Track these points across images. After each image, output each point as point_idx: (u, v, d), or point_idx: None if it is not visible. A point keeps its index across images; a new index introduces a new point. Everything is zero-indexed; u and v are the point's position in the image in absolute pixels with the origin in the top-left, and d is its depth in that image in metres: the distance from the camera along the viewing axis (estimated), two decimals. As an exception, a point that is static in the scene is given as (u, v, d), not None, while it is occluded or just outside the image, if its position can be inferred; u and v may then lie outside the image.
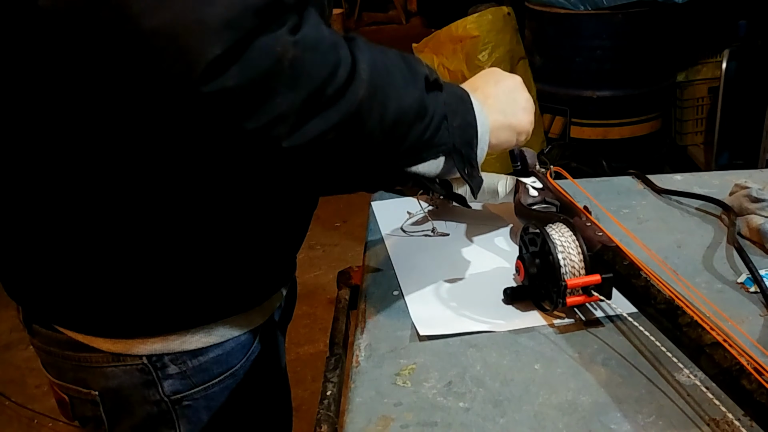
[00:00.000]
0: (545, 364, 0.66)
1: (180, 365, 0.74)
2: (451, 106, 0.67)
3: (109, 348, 0.72)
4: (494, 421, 0.59)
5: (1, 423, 2.02)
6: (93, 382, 0.75)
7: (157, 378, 0.73)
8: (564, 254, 0.69)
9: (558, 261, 0.68)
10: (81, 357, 0.73)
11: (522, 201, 0.86)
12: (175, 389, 0.75)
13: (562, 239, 0.70)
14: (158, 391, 0.74)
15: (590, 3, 2.54)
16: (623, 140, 2.71)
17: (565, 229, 0.71)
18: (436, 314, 0.74)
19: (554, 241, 0.70)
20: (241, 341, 0.77)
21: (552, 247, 0.69)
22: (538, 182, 0.89)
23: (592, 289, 0.69)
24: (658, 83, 2.74)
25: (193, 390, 0.75)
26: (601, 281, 0.68)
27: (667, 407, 0.60)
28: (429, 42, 2.80)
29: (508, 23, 2.72)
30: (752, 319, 0.71)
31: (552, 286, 0.70)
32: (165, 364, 0.73)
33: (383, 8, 6.55)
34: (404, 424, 0.60)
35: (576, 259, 0.69)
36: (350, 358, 0.71)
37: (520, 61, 2.76)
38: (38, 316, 0.74)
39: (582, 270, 0.69)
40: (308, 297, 2.39)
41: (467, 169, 0.69)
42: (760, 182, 0.94)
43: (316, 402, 0.68)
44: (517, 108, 0.79)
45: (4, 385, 2.08)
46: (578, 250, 0.69)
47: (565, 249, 0.69)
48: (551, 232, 0.71)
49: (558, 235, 0.70)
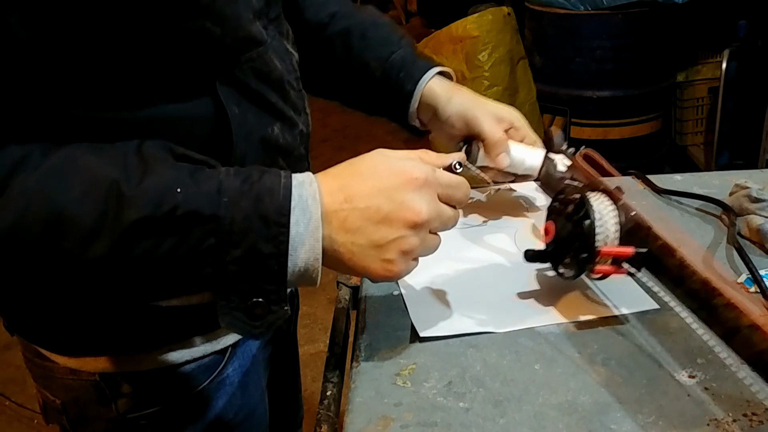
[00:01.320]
0: (545, 364, 0.66)
1: (133, 385, 0.71)
2: (230, 235, 0.52)
3: (65, 363, 0.71)
4: (494, 421, 0.59)
5: (1, 423, 2.02)
6: (57, 391, 0.75)
7: (111, 395, 0.72)
8: (601, 222, 0.69)
9: (594, 227, 0.68)
10: (45, 366, 0.73)
11: (551, 172, 0.87)
12: (129, 408, 0.73)
13: (601, 207, 0.70)
14: (112, 409, 0.73)
15: (590, 3, 2.54)
16: (623, 140, 2.72)
17: (606, 198, 0.71)
18: (436, 314, 0.74)
19: (593, 206, 0.69)
20: (205, 363, 0.74)
21: (591, 212, 0.69)
22: (567, 160, 0.89)
23: (622, 261, 0.68)
24: (658, 83, 2.74)
25: (149, 410, 0.73)
26: (634, 254, 0.67)
27: (667, 407, 0.60)
28: (429, 42, 2.81)
29: (508, 23, 2.72)
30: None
31: (582, 252, 0.69)
32: (118, 383, 0.71)
33: (383, 8, 6.55)
34: (404, 424, 0.60)
35: (612, 229, 0.69)
36: (350, 358, 0.71)
37: (520, 61, 2.76)
38: (7, 324, 0.74)
39: (615, 241, 0.69)
40: (308, 297, 2.39)
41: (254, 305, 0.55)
42: (760, 182, 0.94)
43: (316, 402, 0.68)
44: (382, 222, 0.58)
45: (4, 385, 2.09)
46: (615, 220, 0.69)
47: (602, 216, 0.69)
48: (591, 199, 0.71)
49: (597, 203, 0.70)
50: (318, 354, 2.20)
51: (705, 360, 0.65)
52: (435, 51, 2.77)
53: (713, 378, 0.63)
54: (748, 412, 0.59)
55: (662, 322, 0.70)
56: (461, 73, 2.68)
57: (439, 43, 2.76)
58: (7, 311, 0.71)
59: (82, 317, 0.68)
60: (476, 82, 2.67)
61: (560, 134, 0.92)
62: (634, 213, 0.70)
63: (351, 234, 0.57)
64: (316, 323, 2.34)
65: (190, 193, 0.51)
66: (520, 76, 2.75)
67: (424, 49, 2.82)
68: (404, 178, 0.59)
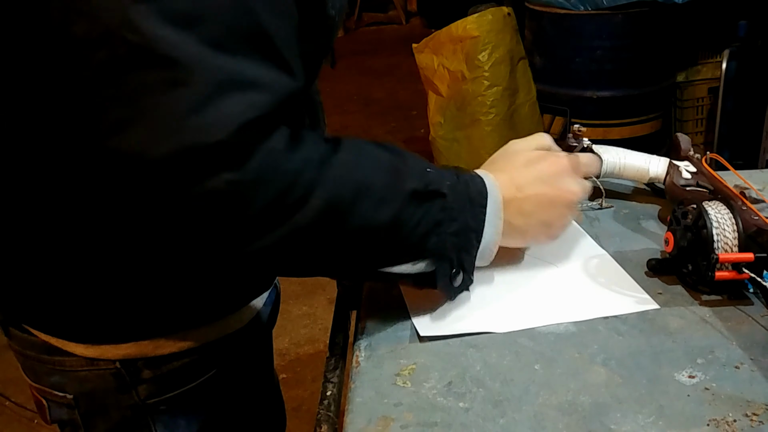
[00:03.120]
0: (545, 364, 0.66)
1: (154, 370, 0.73)
2: (452, 211, 0.65)
3: (83, 352, 0.71)
4: (494, 422, 0.59)
5: (1, 423, 2.02)
6: (68, 386, 0.74)
7: (132, 382, 0.73)
8: (719, 230, 0.70)
9: (712, 235, 0.70)
10: (56, 360, 0.73)
11: (675, 182, 0.88)
12: (150, 394, 0.74)
13: (718, 215, 0.72)
14: (133, 396, 0.73)
15: (590, 3, 2.54)
16: (623, 140, 2.71)
17: (723, 206, 0.73)
18: (436, 314, 0.74)
19: (710, 215, 0.71)
20: (220, 345, 0.76)
21: (707, 221, 0.71)
22: (691, 166, 0.90)
23: (743, 266, 0.69)
24: (658, 83, 2.74)
25: (169, 395, 0.75)
26: (755, 259, 0.69)
27: (667, 407, 0.60)
28: (429, 42, 2.80)
29: (508, 23, 2.71)
30: (753, 319, 0.71)
31: (702, 260, 0.71)
32: (139, 369, 0.72)
33: (383, 8, 6.55)
34: (404, 424, 0.60)
35: (730, 236, 0.70)
36: (350, 358, 0.71)
37: (520, 61, 2.76)
38: (13, 319, 0.74)
39: (735, 248, 0.70)
40: (308, 297, 2.38)
41: (455, 274, 0.68)
42: (760, 182, 0.94)
43: (316, 402, 0.68)
44: (549, 205, 0.73)
45: (4, 385, 2.08)
46: (733, 227, 0.71)
47: (720, 225, 0.71)
48: (708, 208, 0.73)
49: (714, 212, 0.72)
50: (318, 354, 2.20)
51: (705, 360, 0.65)
52: (435, 51, 2.77)
53: (713, 378, 0.63)
54: (748, 412, 0.59)
55: (662, 322, 0.70)
56: (461, 73, 2.68)
57: (439, 43, 2.75)
58: (26, 304, 0.71)
59: (106, 305, 0.69)
60: (476, 82, 2.67)
61: (687, 139, 0.94)
62: (756, 218, 0.72)
63: (526, 217, 0.71)
64: (316, 323, 2.34)
65: (433, 175, 0.65)
66: (520, 76, 2.74)
67: (424, 49, 2.82)
68: (557, 166, 0.74)
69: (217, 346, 0.77)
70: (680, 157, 0.92)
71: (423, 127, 3.40)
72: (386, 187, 0.62)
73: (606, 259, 0.82)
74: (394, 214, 0.62)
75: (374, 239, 0.62)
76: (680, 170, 0.89)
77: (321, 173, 0.58)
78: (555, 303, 0.74)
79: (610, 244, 0.85)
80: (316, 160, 0.58)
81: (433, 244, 0.65)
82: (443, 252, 0.66)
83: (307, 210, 0.57)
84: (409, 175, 0.63)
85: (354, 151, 0.62)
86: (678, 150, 0.92)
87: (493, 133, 2.70)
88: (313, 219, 0.57)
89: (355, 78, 4.95)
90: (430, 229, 0.64)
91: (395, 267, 0.66)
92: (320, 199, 0.57)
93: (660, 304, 0.73)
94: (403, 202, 0.62)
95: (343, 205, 0.59)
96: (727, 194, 0.80)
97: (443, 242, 0.65)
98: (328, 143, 0.61)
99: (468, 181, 0.68)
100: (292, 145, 0.57)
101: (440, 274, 0.67)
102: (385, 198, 0.61)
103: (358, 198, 0.60)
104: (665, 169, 0.91)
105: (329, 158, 0.59)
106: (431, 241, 0.65)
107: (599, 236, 0.87)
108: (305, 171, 0.57)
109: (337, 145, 0.61)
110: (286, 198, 0.56)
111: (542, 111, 2.81)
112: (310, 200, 0.57)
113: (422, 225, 0.64)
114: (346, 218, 0.60)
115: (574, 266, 0.79)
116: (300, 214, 0.57)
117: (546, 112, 2.81)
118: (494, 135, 2.71)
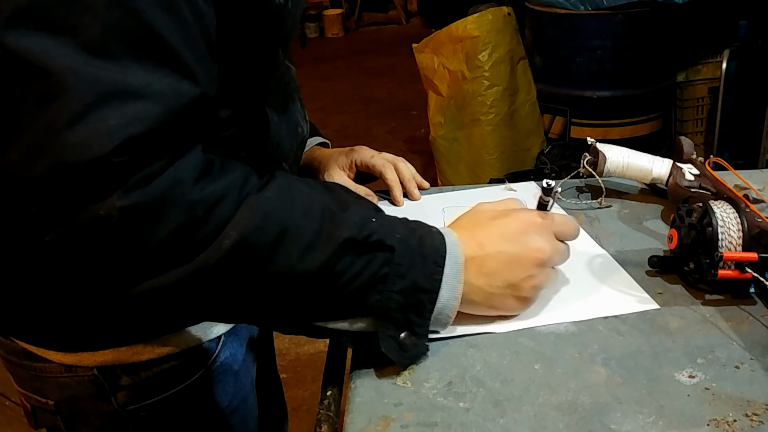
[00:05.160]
0: (545, 364, 0.66)
1: (133, 376, 0.72)
2: (399, 267, 0.60)
3: (61, 360, 0.71)
4: (494, 421, 0.59)
5: (1, 423, 2.02)
6: (49, 392, 0.74)
7: (110, 389, 0.72)
8: (724, 228, 0.71)
9: (717, 233, 0.70)
10: (36, 367, 0.73)
11: (678, 183, 0.88)
12: (129, 400, 0.73)
13: (724, 214, 0.72)
14: (111, 403, 0.73)
15: (590, 3, 2.54)
16: (623, 140, 2.70)
17: (728, 206, 0.73)
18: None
19: (716, 214, 0.72)
20: (201, 350, 0.75)
21: (713, 219, 0.71)
22: (694, 169, 0.90)
23: (746, 265, 0.70)
24: (658, 83, 2.74)
25: (149, 401, 0.74)
26: (758, 259, 0.69)
27: (667, 407, 0.60)
28: (429, 42, 2.81)
29: (508, 23, 2.72)
30: (753, 319, 0.71)
31: (705, 258, 0.71)
32: (117, 375, 0.72)
33: (383, 8, 6.56)
34: (404, 424, 0.60)
35: (735, 235, 0.71)
36: (350, 358, 0.71)
37: (520, 61, 2.76)
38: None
39: (738, 247, 0.71)
40: (308, 297, 2.38)
41: (404, 339, 0.62)
42: (760, 182, 0.94)
43: (316, 402, 0.68)
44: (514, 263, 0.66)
45: (4, 385, 2.08)
46: (738, 227, 0.71)
47: (725, 223, 0.71)
48: (714, 206, 0.73)
49: (720, 210, 0.73)
50: (318, 354, 2.20)
51: (705, 360, 0.65)
52: (435, 51, 2.77)
53: (713, 378, 0.63)
54: (748, 412, 0.59)
55: (662, 322, 0.71)
56: (461, 73, 2.68)
57: (439, 43, 2.76)
58: (3, 312, 0.71)
59: (82, 313, 0.68)
60: (476, 82, 2.67)
61: (690, 143, 0.94)
62: (760, 220, 0.72)
63: (488, 277, 0.65)
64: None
65: (379, 224, 0.60)
66: (520, 76, 2.75)
67: (424, 48, 2.82)
68: (523, 222, 0.67)
69: (198, 352, 0.75)
70: (683, 160, 0.92)
71: (423, 127, 3.41)
72: (315, 232, 0.57)
73: (606, 258, 0.82)
74: (324, 263, 0.57)
75: (300, 288, 0.57)
76: (683, 171, 0.90)
77: (237, 210, 0.54)
78: (555, 303, 0.74)
79: (611, 244, 0.85)
80: (233, 195, 0.54)
81: (375, 301, 0.60)
82: (386, 312, 0.60)
83: (215, 249, 0.53)
84: (345, 222, 0.58)
85: (284, 191, 0.58)
86: (681, 153, 0.93)
87: (494, 132, 2.71)
88: (222, 260, 0.53)
89: (355, 78, 4.95)
90: (371, 284, 0.59)
91: (331, 323, 0.62)
92: (232, 240, 0.53)
93: (660, 303, 0.73)
94: (334, 250, 0.57)
95: (260, 247, 0.54)
96: (731, 197, 0.80)
97: (387, 300, 0.60)
98: (256, 179, 0.57)
99: (423, 237, 0.62)
100: (205, 173, 0.53)
101: (383, 335, 0.61)
102: (313, 244, 0.57)
103: (280, 241, 0.55)
104: (668, 170, 0.91)
105: (251, 195, 0.55)
106: (372, 297, 0.60)
107: (599, 236, 0.87)
108: (218, 206, 0.53)
109: (268, 182, 0.58)
110: (191, 233, 0.52)
111: (542, 111, 2.81)
112: (221, 239, 0.53)
113: (361, 278, 0.59)
114: (265, 263, 0.55)
115: (573, 266, 0.79)
116: (207, 253, 0.53)
117: (546, 112, 2.82)
118: (494, 135, 2.71)
